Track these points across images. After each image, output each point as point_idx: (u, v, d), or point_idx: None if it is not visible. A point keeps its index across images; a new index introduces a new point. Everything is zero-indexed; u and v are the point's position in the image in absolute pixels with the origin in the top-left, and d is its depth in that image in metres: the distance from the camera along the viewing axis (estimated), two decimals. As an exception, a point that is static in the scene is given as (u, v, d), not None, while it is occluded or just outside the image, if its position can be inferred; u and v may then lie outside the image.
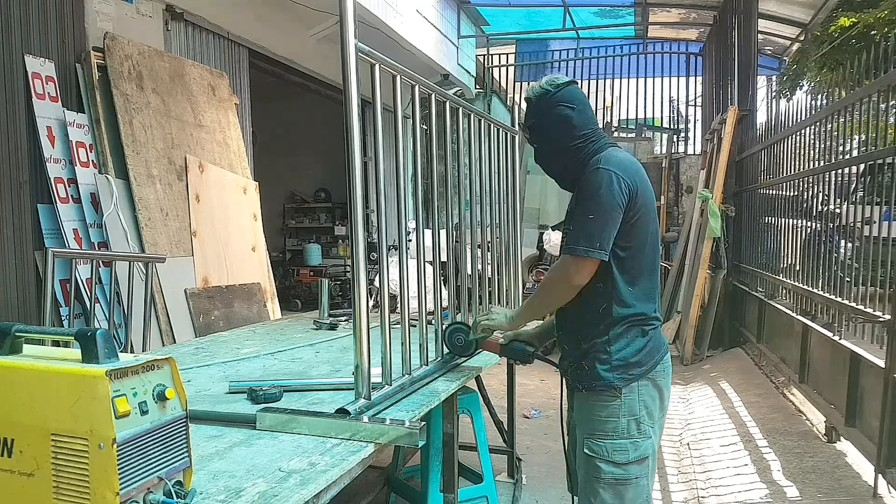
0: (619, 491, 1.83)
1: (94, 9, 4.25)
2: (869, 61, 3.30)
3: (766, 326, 5.53)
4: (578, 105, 1.92)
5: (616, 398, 1.83)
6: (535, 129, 1.98)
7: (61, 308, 3.68)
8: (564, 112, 1.91)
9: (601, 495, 1.84)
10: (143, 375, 1.08)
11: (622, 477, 1.83)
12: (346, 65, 1.63)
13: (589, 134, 1.92)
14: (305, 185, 11.52)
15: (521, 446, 3.79)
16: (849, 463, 3.31)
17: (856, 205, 3.63)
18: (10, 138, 3.70)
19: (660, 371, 1.88)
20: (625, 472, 1.83)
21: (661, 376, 1.88)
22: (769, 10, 8.31)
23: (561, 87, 1.93)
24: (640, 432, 1.84)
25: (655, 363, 1.87)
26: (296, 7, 6.21)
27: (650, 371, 1.85)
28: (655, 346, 1.88)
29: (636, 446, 1.83)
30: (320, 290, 3.54)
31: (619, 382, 1.83)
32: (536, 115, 1.97)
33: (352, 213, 1.69)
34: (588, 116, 1.94)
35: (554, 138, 1.95)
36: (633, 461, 1.83)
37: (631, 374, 1.84)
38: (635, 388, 1.84)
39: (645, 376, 1.85)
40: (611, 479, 1.83)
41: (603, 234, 1.76)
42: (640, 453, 1.84)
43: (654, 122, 11.97)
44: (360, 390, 1.70)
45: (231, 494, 1.25)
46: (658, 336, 1.91)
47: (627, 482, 1.83)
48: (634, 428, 1.83)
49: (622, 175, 1.79)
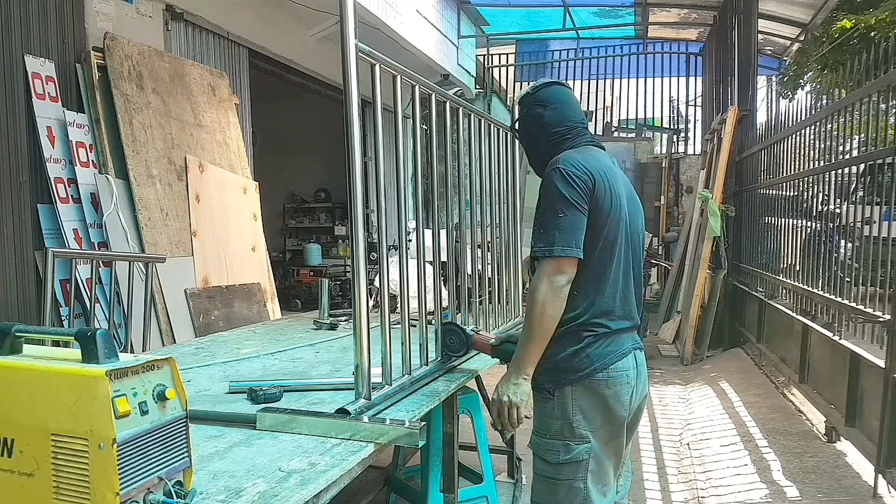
0: (550, 488, 1.85)
1: (94, 9, 4.25)
2: (869, 62, 3.30)
3: (766, 326, 5.53)
4: (553, 104, 1.97)
5: (549, 400, 1.84)
6: (519, 128, 2.08)
7: (61, 308, 3.68)
8: (537, 111, 1.98)
9: (536, 489, 1.90)
10: (143, 375, 1.08)
11: (553, 475, 1.84)
12: (346, 65, 1.63)
13: (563, 132, 1.94)
14: (305, 185, 11.51)
15: (521, 446, 3.78)
16: (849, 463, 3.31)
17: (856, 205, 3.62)
18: (10, 138, 3.70)
19: (601, 379, 1.80)
20: (555, 472, 1.83)
21: (604, 385, 1.81)
22: (769, 10, 8.32)
23: (539, 88, 2.00)
24: (575, 436, 1.81)
25: (595, 371, 1.80)
26: (296, 7, 6.21)
27: (587, 377, 1.80)
28: (596, 354, 1.80)
29: (568, 449, 1.81)
30: (320, 290, 3.54)
31: (548, 385, 1.83)
32: (520, 115, 2.06)
33: (352, 213, 1.69)
34: (564, 115, 1.96)
35: (530, 135, 2.03)
36: (564, 462, 1.81)
37: (563, 379, 1.82)
38: (568, 392, 1.81)
39: (580, 382, 1.81)
40: (543, 475, 1.86)
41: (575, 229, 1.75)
42: (572, 456, 1.81)
43: (654, 122, 11.97)
44: (360, 390, 1.70)
45: (231, 494, 1.25)
46: (605, 345, 1.82)
47: (558, 482, 1.83)
48: (568, 430, 1.81)
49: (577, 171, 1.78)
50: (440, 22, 8.59)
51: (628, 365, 1.85)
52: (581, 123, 1.99)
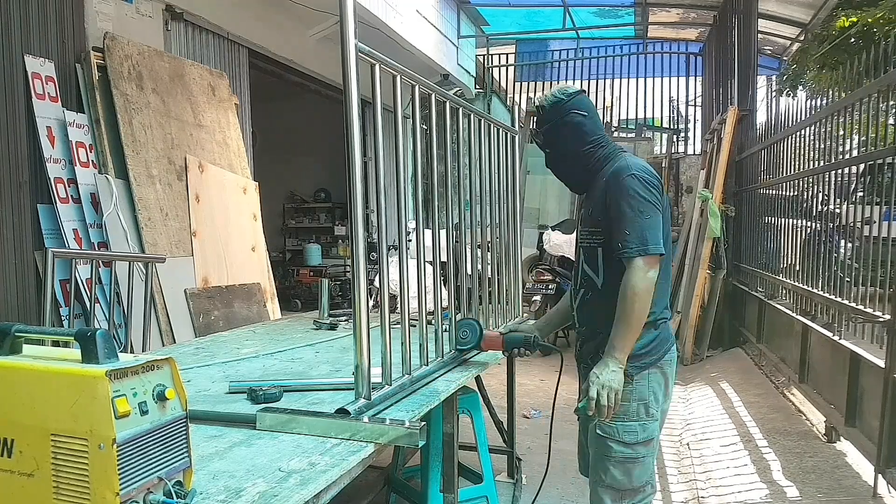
0: (627, 468, 1.99)
1: (93, 9, 4.25)
2: (869, 61, 3.30)
3: (765, 326, 5.53)
4: (589, 112, 2.07)
5: (628, 384, 1.97)
6: (548, 135, 2.11)
7: (61, 308, 3.68)
8: (577, 119, 2.05)
9: (611, 472, 2.00)
10: (143, 375, 1.08)
11: (631, 456, 1.98)
12: (346, 65, 1.63)
13: (598, 140, 2.07)
14: (305, 185, 11.52)
15: (521, 446, 3.78)
16: (849, 463, 3.31)
17: (856, 205, 3.62)
18: (10, 138, 3.70)
19: (667, 360, 2.05)
20: (633, 452, 1.98)
21: (668, 365, 2.05)
22: (769, 10, 8.31)
23: (573, 96, 2.07)
24: (649, 415, 2.00)
25: (663, 353, 2.03)
26: (296, 7, 6.21)
27: (659, 360, 2.02)
28: (664, 339, 2.04)
29: (644, 428, 1.99)
30: (320, 290, 3.54)
31: (631, 371, 1.97)
32: (549, 122, 2.09)
33: (352, 213, 1.69)
34: (597, 124, 2.10)
35: (566, 144, 2.08)
36: (641, 442, 1.99)
37: (642, 364, 1.99)
38: (645, 376, 2.00)
39: (654, 365, 2.01)
40: (620, 457, 1.99)
41: (657, 231, 1.92)
42: (647, 434, 2.00)
43: (654, 122, 11.97)
44: (360, 390, 1.70)
45: (231, 494, 1.25)
46: (667, 329, 2.07)
47: (636, 460, 1.99)
48: (643, 411, 1.99)
49: (651, 178, 1.96)
50: (440, 22, 8.59)
51: (675, 347, 2.13)
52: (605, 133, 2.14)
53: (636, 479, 1.99)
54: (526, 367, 5.92)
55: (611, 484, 2.00)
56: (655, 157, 10.29)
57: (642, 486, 2.01)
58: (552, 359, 6.52)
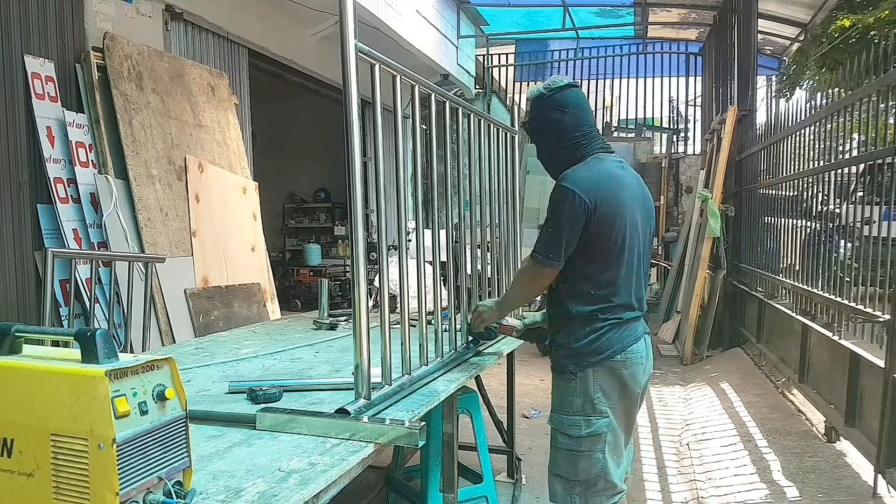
0: (572, 460, 2.06)
1: (93, 9, 4.25)
2: (868, 61, 3.30)
3: (765, 326, 5.53)
4: (571, 108, 2.07)
5: (572, 381, 2.06)
6: (531, 128, 2.17)
7: (61, 308, 3.68)
8: (555, 116, 2.08)
9: (557, 461, 2.10)
10: (143, 375, 1.08)
11: (574, 448, 2.05)
12: (346, 65, 1.63)
13: (580, 137, 2.08)
14: (305, 185, 11.51)
15: (520, 446, 3.79)
16: (848, 463, 3.31)
17: (855, 205, 3.62)
18: (10, 138, 3.70)
19: (619, 361, 2.04)
20: (577, 445, 2.05)
21: (621, 366, 2.05)
22: (769, 10, 8.32)
23: (555, 91, 2.08)
24: (596, 412, 2.04)
25: (611, 354, 2.04)
26: (296, 7, 6.21)
27: (606, 360, 2.04)
28: (614, 339, 2.04)
29: (589, 423, 2.04)
30: (320, 290, 3.54)
31: (573, 368, 2.06)
32: (532, 116, 2.15)
33: (352, 213, 1.69)
34: (581, 120, 2.08)
35: (546, 139, 2.14)
36: (585, 436, 2.04)
37: (584, 362, 2.04)
38: (590, 374, 2.04)
39: (600, 364, 2.04)
40: (565, 448, 2.07)
41: (561, 246, 1.98)
42: (592, 430, 2.04)
43: (653, 122, 11.97)
44: (360, 390, 1.70)
45: (231, 494, 1.25)
46: (620, 330, 2.05)
47: (580, 453, 2.05)
48: (589, 407, 2.04)
49: (580, 193, 1.95)
50: (440, 22, 8.59)
51: (641, 348, 2.09)
52: (594, 127, 2.14)
53: (582, 472, 2.04)
54: (526, 368, 5.92)
55: (558, 473, 2.09)
56: (655, 156, 10.29)
57: (592, 479, 2.04)
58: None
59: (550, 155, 2.16)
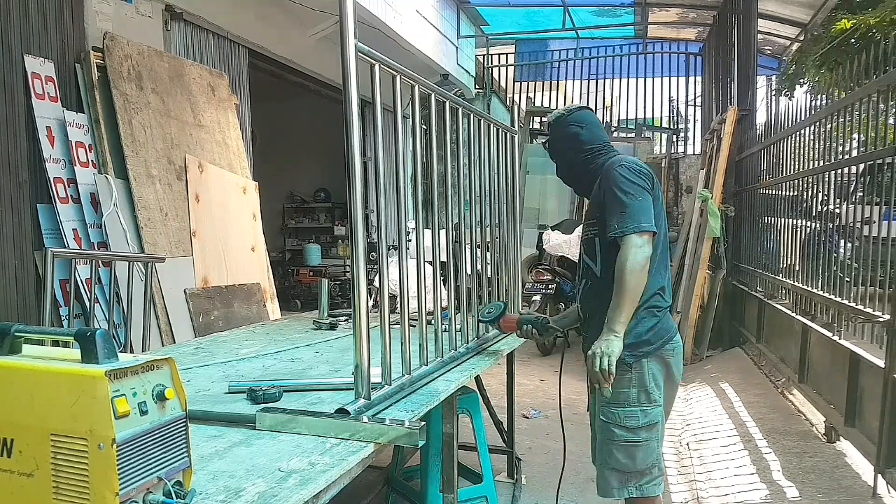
0: (631, 452, 2.10)
1: (93, 9, 4.25)
2: (868, 61, 3.30)
3: (765, 326, 5.53)
4: (587, 125, 2.29)
5: (628, 372, 2.09)
6: (552, 146, 2.36)
7: (61, 308, 3.68)
8: (574, 130, 2.28)
9: (615, 455, 2.12)
10: (143, 375, 1.08)
11: (633, 440, 2.10)
12: (345, 65, 1.63)
13: (597, 148, 2.26)
14: (305, 185, 11.51)
15: (520, 446, 3.79)
16: (848, 463, 3.31)
17: (855, 205, 3.62)
18: (10, 138, 3.70)
19: (668, 349, 2.14)
20: (636, 436, 2.10)
21: (669, 354, 2.15)
22: (769, 10, 8.31)
23: (573, 111, 2.33)
24: (650, 401, 2.11)
25: (664, 342, 2.13)
26: (296, 7, 6.21)
27: (659, 349, 2.12)
28: (664, 328, 2.13)
29: (645, 413, 2.10)
30: (320, 290, 3.54)
31: (630, 359, 2.08)
32: (553, 135, 2.35)
33: (352, 213, 1.69)
34: (596, 134, 2.29)
35: (567, 152, 2.32)
36: (643, 426, 2.10)
37: (641, 352, 2.10)
38: (644, 364, 2.10)
39: (654, 353, 2.11)
40: (623, 441, 2.11)
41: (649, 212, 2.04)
42: (649, 419, 2.10)
43: (653, 121, 11.97)
44: (360, 390, 1.70)
45: (231, 494, 1.25)
46: (667, 319, 2.16)
47: (638, 444, 2.10)
48: (644, 398, 2.10)
49: (643, 169, 2.12)
50: (439, 22, 8.59)
51: (679, 337, 2.21)
52: (609, 143, 2.31)
53: (640, 462, 2.10)
54: (526, 368, 5.92)
55: (616, 467, 2.12)
56: (655, 156, 10.28)
57: (648, 468, 2.11)
58: (552, 359, 6.52)
59: (570, 167, 2.33)
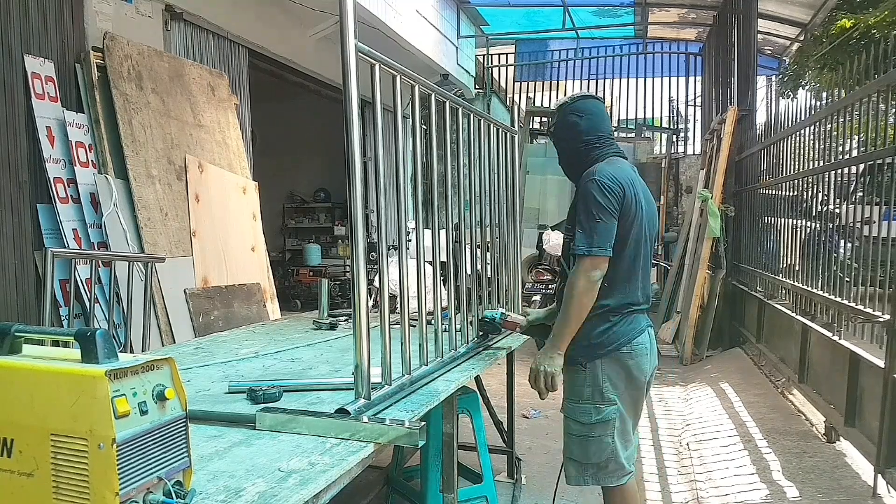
0: (584, 445, 2.23)
1: (93, 9, 4.25)
2: (868, 61, 3.30)
3: (765, 326, 5.53)
4: (586, 114, 2.29)
5: (581, 371, 2.21)
6: (554, 134, 2.39)
7: (61, 308, 3.68)
8: (572, 120, 2.29)
9: (570, 447, 2.28)
10: (143, 375, 1.08)
11: (586, 434, 2.22)
12: (346, 65, 1.62)
13: (594, 140, 2.27)
14: (305, 185, 11.51)
15: (520, 446, 3.79)
16: (848, 463, 3.31)
17: (855, 205, 3.62)
18: (10, 138, 3.70)
19: (625, 352, 2.20)
20: (588, 431, 2.21)
21: (627, 356, 2.20)
22: (769, 10, 8.32)
23: (577, 100, 2.34)
24: (604, 400, 2.20)
25: (618, 345, 2.19)
26: (296, 7, 6.21)
27: (613, 352, 2.19)
28: (620, 332, 2.20)
29: (598, 411, 2.20)
30: (320, 290, 3.54)
31: (581, 359, 2.21)
32: (556, 123, 2.37)
33: (352, 213, 1.69)
34: (595, 125, 2.28)
35: (564, 141, 2.35)
36: (596, 423, 2.20)
37: (594, 354, 2.19)
38: (597, 364, 2.19)
39: (606, 356, 2.19)
40: (577, 435, 2.24)
41: (607, 234, 2.10)
42: (602, 417, 2.20)
43: (653, 121, 11.97)
44: (360, 390, 1.70)
45: (231, 494, 1.25)
46: (626, 323, 2.21)
47: (590, 438, 2.21)
48: (598, 396, 2.20)
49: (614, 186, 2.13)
50: (440, 22, 8.59)
51: (645, 340, 2.25)
52: (610, 135, 2.32)
53: (593, 455, 2.21)
54: (526, 368, 5.91)
55: (571, 457, 2.27)
56: (655, 156, 10.28)
57: (603, 462, 2.21)
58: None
59: (567, 157, 2.36)
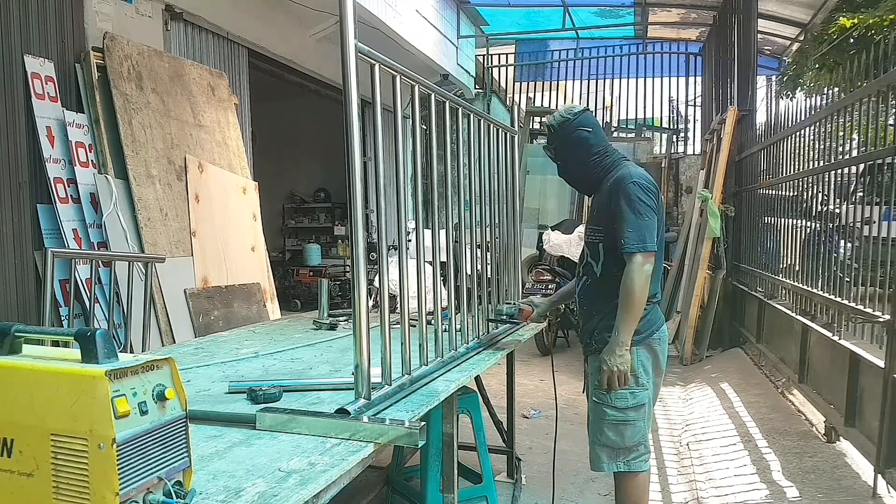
0: (619, 430, 2.33)
1: (93, 9, 4.25)
2: (868, 61, 3.30)
3: (765, 326, 5.53)
4: (593, 128, 2.41)
5: None
6: (559, 150, 2.46)
7: (61, 308, 3.68)
8: (583, 134, 2.39)
9: (606, 433, 2.36)
10: (143, 375, 1.08)
11: (622, 419, 2.33)
12: (345, 65, 1.63)
13: (602, 150, 2.41)
14: (305, 185, 11.52)
15: (520, 446, 3.79)
16: (848, 463, 3.31)
17: (855, 205, 3.63)
18: (10, 138, 3.70)
19: (655, 339, 2.38)
20: (624, 416, 2.32)
21: (656, 342, 2.38)
22: (769, 10, 8.32)
23: (578, 115, 2.41)
24: (638, 385, 2.32)
25: (651, 332, 2.36)
26: (296, 7, 6.21)
27: (647, 338, 2.34)
28: (651, 320, 2.36)
29: (634, 395, 2.32)
30: (320, 290, 3.53)
31: None
32: (559, 139, 2.43)
33: (352, 213, 1.69)
34: (600, 136, 2.43)
35: (575, 156, 2.43)
36: (632, 407, 2.32)
37: (632, 340, 2.26)
38: (634, 351, 2.29)
39: (642, 342, 2.32)
40: (613, 420, 2.34)
41: (654, 231, 2.25)
42: (637, 401, 2.32)
43: (653, 122, 11.97)
44: (360, 390, 1.70)
45: (231, 494, 1.25)
46: (654, 312, 2.39)
47: (626, 423, 2.33)
48: (633, 381, 2.30)
49: (651, 187, 2.30)
50: (439, 22, 8.59)
51: (665, 328, 2.44)
52: (609, 144, 2.46)
53: (628, 440, 2.33)
54: (526, 368, 5.92)
55: (605, 443, 2.35)
56: (655, 157, 10.28)
57: (635, 445, 2.34)
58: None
59: (577, 170, 2.46)
